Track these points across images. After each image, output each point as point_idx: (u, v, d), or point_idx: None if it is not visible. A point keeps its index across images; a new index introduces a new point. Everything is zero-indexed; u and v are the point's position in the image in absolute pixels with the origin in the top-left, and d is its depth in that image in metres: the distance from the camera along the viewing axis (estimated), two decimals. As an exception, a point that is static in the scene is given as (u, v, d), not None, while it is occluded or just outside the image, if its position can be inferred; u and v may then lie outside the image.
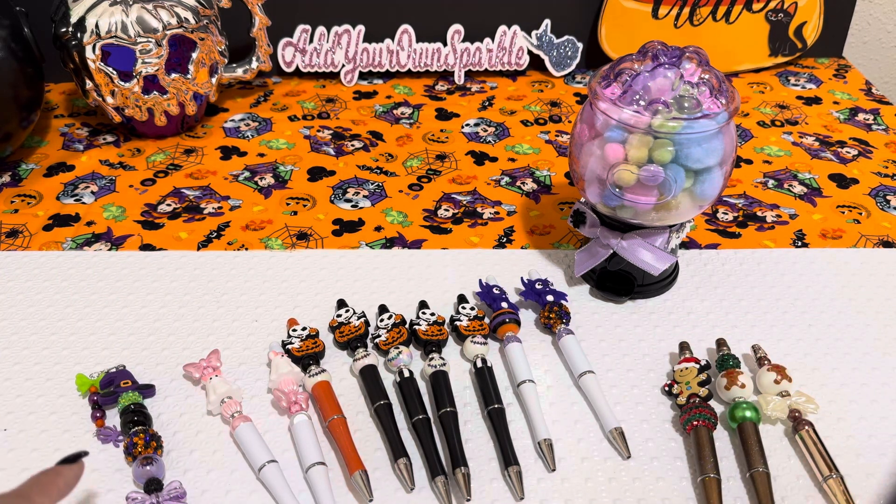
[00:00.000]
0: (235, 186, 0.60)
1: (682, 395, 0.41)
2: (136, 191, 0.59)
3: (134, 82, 0.61)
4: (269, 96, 0.73)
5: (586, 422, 0.41)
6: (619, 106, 0.42)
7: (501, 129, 0.68)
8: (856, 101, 0.72)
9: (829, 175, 0.62)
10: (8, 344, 0.45)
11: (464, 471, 0.37)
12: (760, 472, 0.37)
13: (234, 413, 0.40)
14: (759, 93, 0.74)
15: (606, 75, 0.44)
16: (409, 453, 0.38)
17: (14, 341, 0.46)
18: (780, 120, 0.69)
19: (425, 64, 0.75)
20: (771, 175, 0.62)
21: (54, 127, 0.68)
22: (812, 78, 0.76)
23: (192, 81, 0.64)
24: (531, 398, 0.41)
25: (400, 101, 0.72)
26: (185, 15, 0.61)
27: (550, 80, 0.76)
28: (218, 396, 0.41)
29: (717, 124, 0.41)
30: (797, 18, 0.75)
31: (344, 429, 0.39)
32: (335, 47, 0.73)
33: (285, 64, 0.74)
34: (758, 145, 0.66)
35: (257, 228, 0.56)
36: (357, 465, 0.37)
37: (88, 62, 0.60)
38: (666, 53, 0.42)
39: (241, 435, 0.39)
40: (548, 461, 0.38)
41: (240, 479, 0.38)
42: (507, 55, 0.75)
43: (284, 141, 0.66)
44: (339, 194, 0.60)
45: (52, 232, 0.55)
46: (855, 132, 0.67)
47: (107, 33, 0.59)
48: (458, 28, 0.74)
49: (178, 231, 0.55)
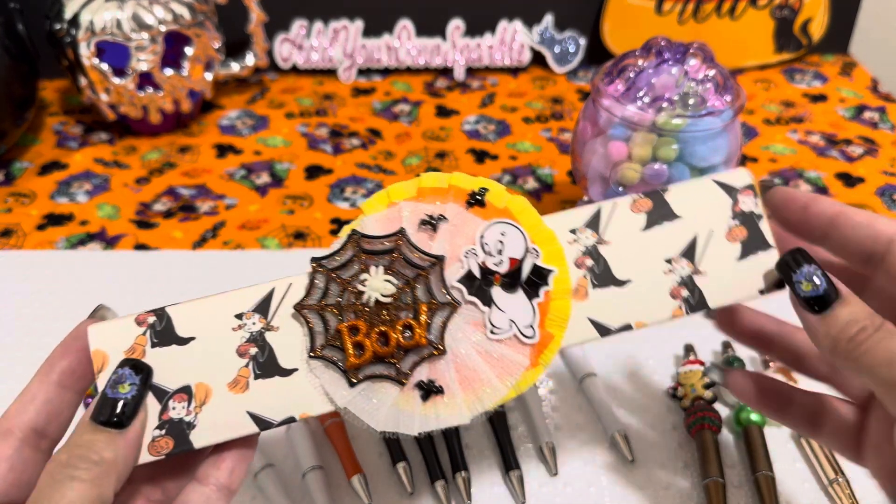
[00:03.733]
0: (231, 185, 0.59)
1: (686, 397, 0.40)
2: (130, 189, 0.59)
3: (129, 79, 0.60)
4: (265, 93, 0.72)
5: (589, 425, 0.40)
6: (622, 103, 0.41)
7: (502, 126, 0.68)
8: (862, 98, 0.71)
9: (835, 174, 0.61)
10: (2, 346, 0.45)
11: (464, 475, 0.37)
12: (766, 476, 0.36)
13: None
14: (765, 90, 0.73)
15: (609, 72, 0.43)
16: (408, 457, 0.38)
17: (8, 343, 0.45)
18: (786, 118, 0.69)
19: (425, 61, 0.74)
20: (777, 173, 0.61)
21: (48, 125, 0.67)
22: (818, 75, 0.75)
23: (188, 78, 0.63)
24: (533, 401, 0.40)
25: (399, 98, 0.71)
26: (180, 11, 0.60)
27: (552, 77, 0.75)
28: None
29: (722, 122, 0.41)
30: (802, 14, 0.74)
31: (342, 432, 0.39)
32: (333, 43, 0.73)
33: (282, 60, 0.73)
34: (763, 143, 0.65)
35: (253, 228, 0.55)
36: (355, 469, 0.37)
37: (83, 59, 0.59)
38: (670, 50, 0.42)
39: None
40: (550, 465, 0.38)
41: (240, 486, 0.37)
42: (508, 51, 0.74)
43: (281, 138, 0.65)
44: (336, 193, 0.59)
45: (46, 231, 0.54)
46: (861, 130, 0.67)
47: (101, 30, 0.58)
48: (458, 24, 0.73)
49: (173, 230, 0.54)
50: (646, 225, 0.27)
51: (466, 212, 0.27)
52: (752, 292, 0.28)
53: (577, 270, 0.27)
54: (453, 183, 0.27)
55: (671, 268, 0.27)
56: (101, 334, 0.25)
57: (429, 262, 0.26)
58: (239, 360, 0.25)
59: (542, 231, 0.27)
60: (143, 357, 0.25)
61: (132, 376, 0.24)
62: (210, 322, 0.25)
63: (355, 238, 0.26)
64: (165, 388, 0.25)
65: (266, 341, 0.25)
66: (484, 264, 0.26)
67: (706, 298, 0.27)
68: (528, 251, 0.26)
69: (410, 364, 0.25)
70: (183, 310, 0.26)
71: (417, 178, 0.27)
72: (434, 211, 0.26)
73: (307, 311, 0.25)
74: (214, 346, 0.25)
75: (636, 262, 0.27)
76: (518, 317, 0.26)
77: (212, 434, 0.25)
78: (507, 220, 0.26)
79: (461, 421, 0.25)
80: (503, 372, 0.26)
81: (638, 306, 0.27)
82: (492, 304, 0.26)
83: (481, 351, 0.26)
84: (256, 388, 0.25)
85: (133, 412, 0.24)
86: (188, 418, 0.25)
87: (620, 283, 0.27)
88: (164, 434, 0.25)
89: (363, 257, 0.26)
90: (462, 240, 0.26)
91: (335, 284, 0.26)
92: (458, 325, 0.26)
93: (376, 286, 0.25)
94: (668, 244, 0.27)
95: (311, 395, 0.25)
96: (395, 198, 0.27)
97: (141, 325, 0.25)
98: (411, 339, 0.25)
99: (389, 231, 0.26)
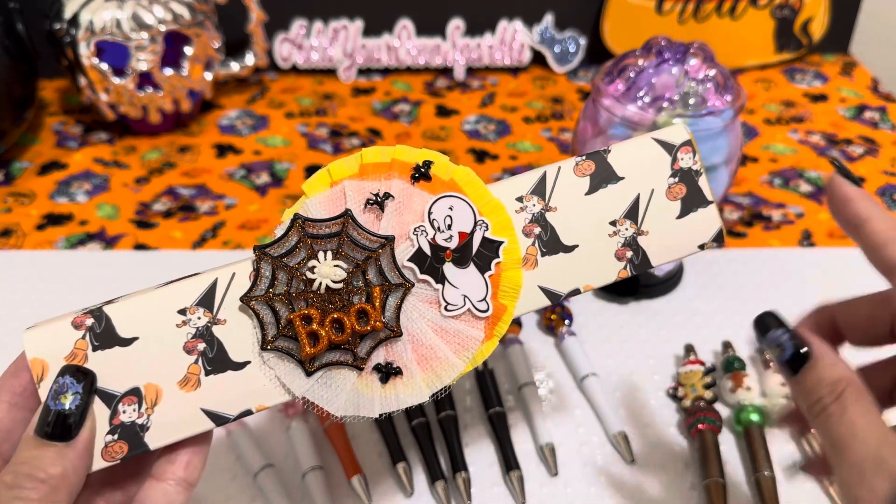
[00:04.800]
0: (231, 185, 0.59)
1: (686, 398, 0.40)
2: (130, 189, 0.59)
3: (128, 79, 0.60)
4: (265, 93, 0.72)
5: (589, 426, 0.40)
6: (622, 103, 0.41)
7: (502, 126, 0.67)
8: (862, 98, 0.71)
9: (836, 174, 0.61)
10: (2, 346, 0.45)
11: (464, 475, 0.37)
12: (766, 476, 0.36)
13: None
14: (765, 90, 0.73)
15: (610, 71, 0.43)
16: (408, 457, 0.38)
17: (7, 343, 0.45)
18: (787, 117, 0.68)
19: (425, 60, 0.74)
20: (777, 173, 0.61)
21: (48, 125, 0.67)
22: (818, 75, 0.75)
23: (188, 78, 0.63)
24: (533, 401, 0.40)
25: (399, 98, 0.71)
26: (179, 11, 0.60)
27: (553, 77, 0.75)
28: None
29: (722, 122, 0.40)
30: (803, 14, 0.74)
31: (342, 432, 0.39)
32: (333, 43, 0.73)
33: (282, 60, 0.73)
34: (764, 143, 0.65)
35: (253, 228, 0.55)
36: (355, 470, 0.37)
37: (82, 59, 0.59)
38: (670, 49, 0.42)
39: (237, 439, 0.38)
40: (550, 466, 0.38)
41: (239, 486, 0.37)
42: (508, 51, 0.74)
43: (281, 138, 0.65)
44: (337, 192, 0.59)
45: (46, 231, 0.54)
46: (861, 130, 0.66)
47: (101, 29, 0.58)
48: (458, 23, 0.73)
49: (173, 230, 0.54)
50: (589, 189, 0.28)
51: (412, 187, 0.26)
52: (691, 248, 0.28)
53: (525, 239, 0.27)
54: (396, 157, 0.26)
55: (616, 230, 0.27)
56: (38, 341, 0.24)
57: (378, 244, 0.25)
58: (187, 358, 0.25)
59: (490, 202, 0.27)
60: (85, 362, 0.24)
61: (74, 385, 0.23)
62: (152, 320, 0.25)
63: (299, 223, 0.25)
64: (113, 392, 0.24)
65: (214, 336, 0.25)
66: (434, 240, 0.26)
67: (649, 258, 0.28)
68: (476, 224, 0.26)
69: (367, 349, 0.25)
70: (121, 308, 0.24)
71: (359, 154, 0.26)
72: (379, 189, 0.26)
73: (255, 303, 0.25)
74: (160, 344, 0.24)
75: (582, 226, 0.27)
76: (471, 291, 0.26)
77: (167, 434, 0.24)
78: (454, 193, 0.26)
79: (421, 399, 0.25)
80: (459, 347, 0.26)
81: (585, 270, 0.27)
82: (444, 280, 0.26)
83: (436, 328, 0.26)
84: (208, 384, 0.25)
85: (79, 422, 0.23)
86: (140, 420, 0.24)
87: (568, 249, 0.27)
88: (117, 439, 0.24)
89: (309, 242, 0.25)
90: (410, 216, 0.26)
91: (282, 272, 0.25)
92: (413, 305, 0.26)
93: (326, 272, 0.25)
94: (612, 206, 0.28)
95: (267, 387, 0.25)
96: (337, 176, 0.26)
97: (79, 328, 0.24)
98: (367, 324, 0.25)
99: (334, 213, 0.25)
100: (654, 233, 0.28)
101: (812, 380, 0.24)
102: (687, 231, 0.28)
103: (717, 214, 0.28)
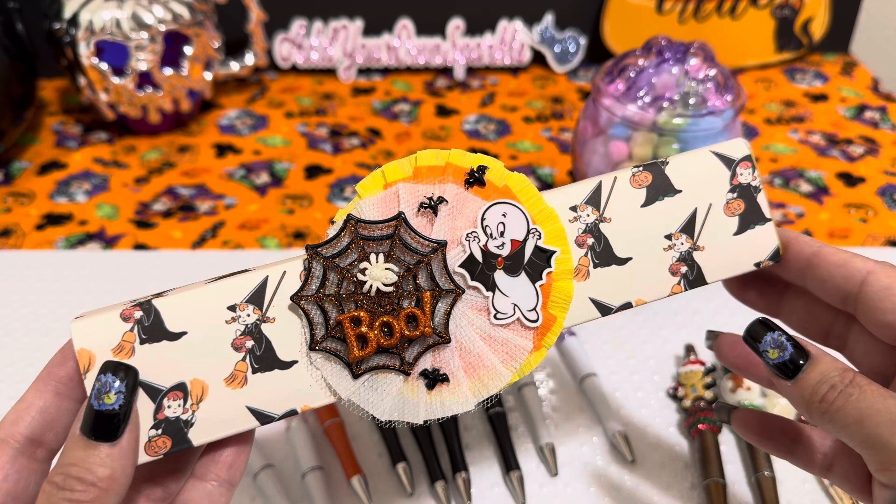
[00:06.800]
0: (230, 184, 0.59)
1: (687, 398, 0.40)
2: (129, 189, 0.59)
3: (128, 79, 0.60)
4: (265, 92, 0.72)
5: (589, 426, 0.40)
6: (622, 103, 0.41)
7: (503, 125, 0.67)
8: (862, 98, 0.71)
9: (836, 174, 0.61)
10: (1, 346, 0.45)
11: (464, 475, 0.37)
12: (766, 476, 0.36)
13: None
14: (765, 89, 0.73)
15: (610, 71, 0.43)
16: (408, 457, 0.38)
17: (7, 343, 0.45)
18: (787, 117, 0.68)
19: (425, 60, 0.74)
20: (778, 173, 0.61)
21: (47, 124, 0.67)
22: (819, 74, 0.75)
23: (187, 78, 0.63)
24: (533, 401, 0.40)
25: (398, 98, 0.71)
26: (179, 10, 0.60)
27: (553, 76, 0.75)
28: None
29: (722, 121, 0.40)
30: (803, 14, 0.74)
31: (341, 433, 0.39)
32: (333, 42, 0.73)
33: (282, 59, 0.73)
34: (764, 143, 0.65)
35: (253, 228, 0.55)
36: (355, 470, 0.37)
37: (82, 58, 0.59)
38: (671, 49, 0.41)
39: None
40: (550, 466, 0.38)
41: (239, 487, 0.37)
42: (508, 50, 0.74)
43: (281, 138, 0.65)
44: (336, 192, 0.59)
45: (45, 231, 0.54)
46: (862, 130, 0.66)
47: (100, 29, 0.58)
48: (458, 23, 0.73)
49: (172, 230, 0.54)
50: (646, 200, 0.27)
51: (466, 192, 0.26)
52: (747, 266, 0.28)
53: (578, 250, 0.26)
54: (451, 161, 0.26)
55: (671, 244, 0.27)
56: (86, 332, 0.24)
57: (430, 248, 0.25)
58: (235, 355, 0.24)
59: (543, 210, 0.26)
60: (132, 355, 0.24)
61: (117, 384, 0.23)
62: (201, 315, 0.24)
63: (352, 224, 0.25)
64: (159, 387, 0.24)
65: (263, 334, 0.25)
66: (486, 247, 0.25)
67: (704, 274, 0.27)
68: (529, 232, 0.26)
69: (415, 354, 0.25)
70: (171, 302, 0.24)
71: (413, 157, 0.26)
72: (433, 192, 0.26)
73: (305, 303, 0.25)
74: (208, 340, 0.24)
75: (636, 238, 0.27)
76: (521, 301, 0.25)
77: (211, 431, 0.24)
78: (508, 200, 0.26)
79: (466, 408, 0.25)
80: (507, 357, 0.25)
81: (638, 284, 0.27)
82: (495, 288, 0.25)
83: (485, 336, 0.25)
84: (255, 382, 0.24)
85: (123, 421, 0.22)
86: (185, 416, 0.24)
87: (621, 262, 0.27)
88: (161, 433, 0.24)
89: (361, 244, 0.25)
90: (462, 222, 0.26)
91: (333, 273, 0.25)
92: (462, 312, 0.25)
93: (377, 275, 0.25)
94: (668, 219, 0.27)
95: (312, 388, 0.25)
96: (391, 178, 0.26)
97: (127, 320, 0.24)
98: (416, 329, 0.25)
99: (387, 215, 0.25)
100: (710, 249, 0.27)
101: (816, 375, 0.24)
102: (744, 248, 0.28)
103: (774, 232, 0.28)
